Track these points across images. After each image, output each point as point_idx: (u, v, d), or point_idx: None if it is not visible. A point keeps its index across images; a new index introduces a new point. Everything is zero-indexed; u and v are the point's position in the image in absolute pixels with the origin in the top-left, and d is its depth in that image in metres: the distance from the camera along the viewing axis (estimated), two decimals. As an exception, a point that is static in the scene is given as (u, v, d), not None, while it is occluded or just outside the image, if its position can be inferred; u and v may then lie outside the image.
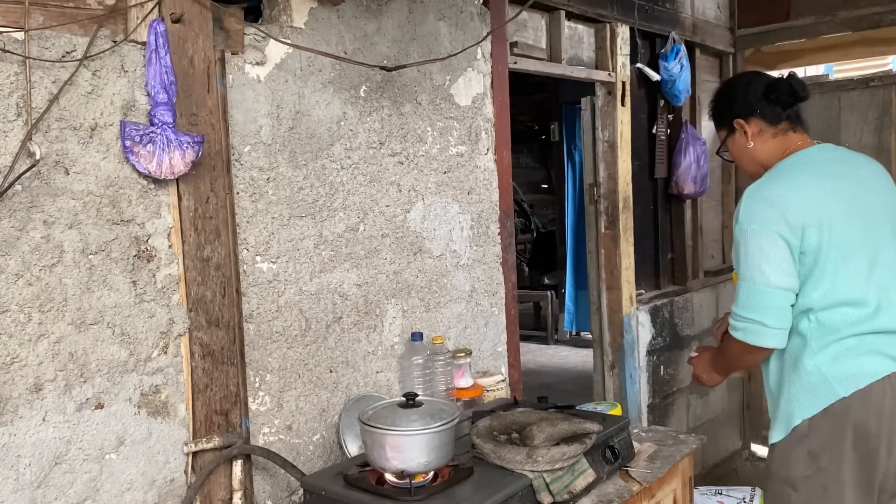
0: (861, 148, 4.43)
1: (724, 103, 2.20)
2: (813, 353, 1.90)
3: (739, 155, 2.19)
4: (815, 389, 1.89)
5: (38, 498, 1.65)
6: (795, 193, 1.94)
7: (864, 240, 1.93)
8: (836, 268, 1.90)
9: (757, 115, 2.10)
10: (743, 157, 2.18)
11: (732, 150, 2.20)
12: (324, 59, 2.17)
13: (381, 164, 2.38)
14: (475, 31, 2.70)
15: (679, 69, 3.91)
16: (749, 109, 2.11)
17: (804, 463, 1.91)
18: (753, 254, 1.91)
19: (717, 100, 2.24)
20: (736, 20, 4.67)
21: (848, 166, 2.06)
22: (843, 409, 1.86)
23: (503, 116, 2.84)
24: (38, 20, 1.63)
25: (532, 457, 1.89)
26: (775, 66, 4.90)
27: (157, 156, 1.76)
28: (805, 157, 2.05)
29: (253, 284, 2.04)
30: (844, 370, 1.87)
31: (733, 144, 2.18)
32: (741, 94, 2.15)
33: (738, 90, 2.17)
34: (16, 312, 1.61)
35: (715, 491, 3.41)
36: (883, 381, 1.86)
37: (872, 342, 1.88)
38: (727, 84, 2.31)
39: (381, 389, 2.39)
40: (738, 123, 2.13)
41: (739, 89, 2.17)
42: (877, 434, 1.85)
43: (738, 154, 2.19)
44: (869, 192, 2.01)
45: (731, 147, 2.20)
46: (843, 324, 1.89)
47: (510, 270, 2.89)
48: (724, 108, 2.19)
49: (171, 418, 1.87)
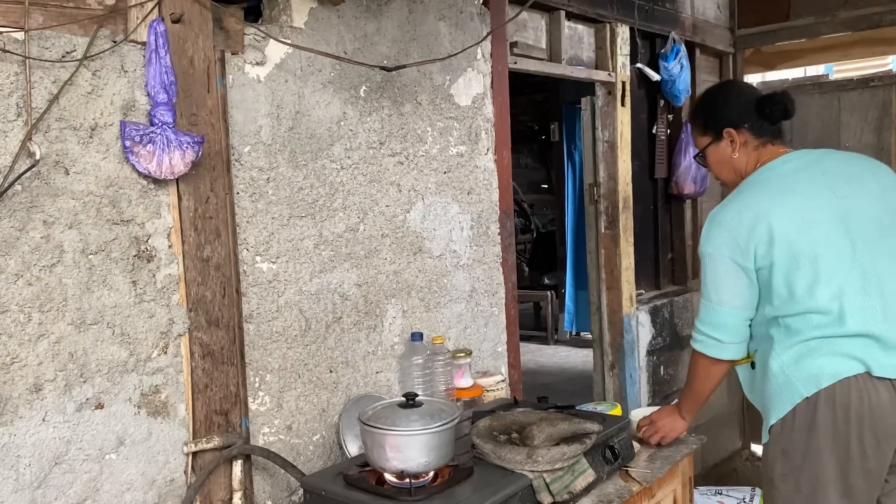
0: (861, 148, 4.44)
1: (715, 110, 2.16)
2: (777, 355, 1.95)
3: (720, 164, 2.17)
4: (781, 390, 1.93)
5: (38, 498, 1.65)
6: (746, 213, 1.96)
7: (824, 247, 1.91)
8: (794, 278, 1.91)
9: (746, 127, 2.10)
10: (723, 167, 2.16)
11: (712, 158, 2.18)
12: (324, 59, 2.17)
13: (381, 164, 2.38)
14: (475, 31, 2.70)
15: (679, 69, 3.91)
16: (741, 119, 2.10)
17: (780, 462, 1.96)
18: (710, 276, 2.02)
19: (707, 105, 2.20)
20: (736, 20, 4.67)
21: (810, 173, 2.03)
22: (808, 409, 1.89)
23: (503, 116, 2.84)
24: (38, 20, 1.63)
25: (532, 457, 1.89)
26: (775, 66, 4.90)
27: (157, 156, 1.76)
28: (766, 171, 2.06)
29: (253, 284, 2.04)
30: (805, 371, 1.89)
31: (716, 152, 2.16)
32: (735, 102, 2.13)
33: (732, 98, 2.15)
34: (16, 312, 1.61)
35: (715, 491, 3.41)
36: (848, 381, 1.86)
37: (836, 344, 1.88)
38: (720, 90, 2.27)
39: (381, 389, 2.39)
40: (728, 133, 2.11)
41: (733, 97, 2.15)
42: (846, 434, 1.85)
43: (719, 163, 2.17)
44: (833, 196, 1.96)
45: (713, 154, 2.17)
46: (806, 327, 1.91)
47: (510, 270, 2.89)
48: (714, 115, 2.15)
49: (171, 418, 1.87)
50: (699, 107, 2.24)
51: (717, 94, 2.24)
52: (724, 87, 2.35)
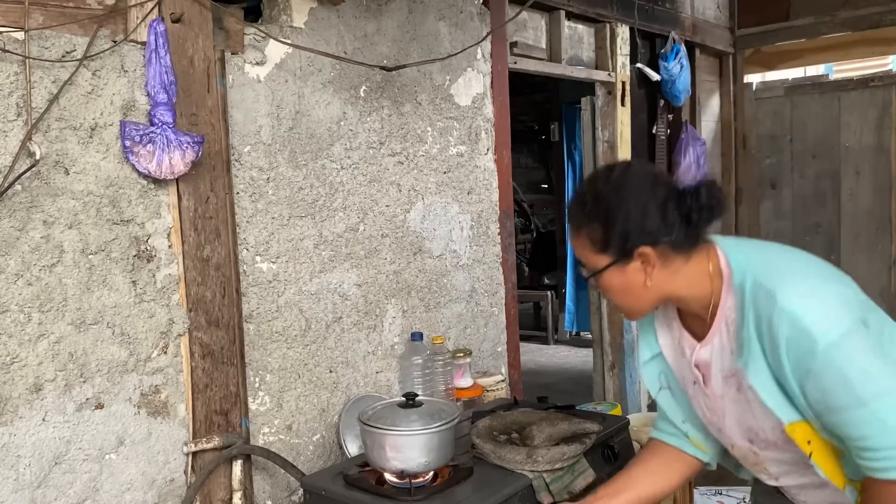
0: (861, 148, 4.44)
1: (617, 219, 1.37)
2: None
3: (626, 291, 1.44)
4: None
5: (38, 498, 1.65)
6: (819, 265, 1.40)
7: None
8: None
9: (667, 242, 1.37)
10: (630, 294, 1.44)
11: (615, 285, 1.43)
12: (324, 59, 2.17)
13: (381, 164, 2.38)
14: (475, 31, 2.69)
15: (679, 69, 3.91)
16: (659, 235, 1.36)
17: None
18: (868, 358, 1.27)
19: (604, 211, 1.39)
20: (736, 20, 4.68)
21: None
22: None
23: (503, 116, 2.84)
24: (38, 20, 1.63)
25: (532, 457, 1.89)
26: (775, 66, 4.91)
27: (157, 156, 1.76)
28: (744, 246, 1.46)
29: (253, 284, 2.04)
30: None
31: (619, 276, 1.41)
32: (646, 210, 1.37)
33: (637, 201, 1.37)
34: (16, 312, 1.61)
35: (715, 491, 3.41)
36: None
37: None
38: (613, 188, 1.40)
39: (381, 389, 2.38)
40: (641, 254, 1.38)
41: (639, 199, 1.37)
42: None
43: (625, 290, 1.44)
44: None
45: (614, 279, 1.42)
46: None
47: (510, 270, 2.89)
48: (615, 227, 1.38)
49: (171, 418, 1.87)
50: (588, 206, 1.42)
51: (620, 186, 1.39)
52: (631, 176, 1.41)
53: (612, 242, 1.39)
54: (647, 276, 1.40)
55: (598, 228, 1.40)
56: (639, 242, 1.37)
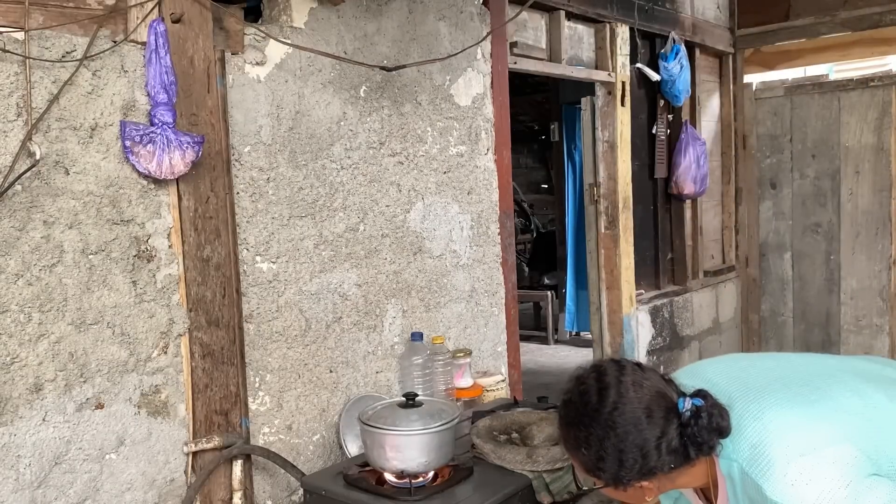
0: (861, 148, 4.44)
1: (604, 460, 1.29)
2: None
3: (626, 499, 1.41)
4: None
5: (38, 498, 1.65)
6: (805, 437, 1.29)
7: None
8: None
9: (666, 469, 1.29)
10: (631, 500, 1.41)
11: (612, 494, 1.40)
12: (324, 59, 2.17)
13: (381, 164, 2.38)
14: (475, 31, 2.69)
15: (679, 69, 3.91)
16: (657, 469, 1.29)
17: None
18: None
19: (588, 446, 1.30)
20: (736, 20, 4.68)
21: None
22: None
23: (503, 116, 2.84)
24: (38, 20, 1.63)
25: (532, 457, 1.89)
26: (775, 66, 4.90)
27: (157, 156, 1.76)
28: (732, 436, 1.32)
29: (253, 284, 2.04)
30: None
31: (619, 493, 1.37)
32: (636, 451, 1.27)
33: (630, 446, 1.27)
34: (16, 312, 1.61)
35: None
36: None
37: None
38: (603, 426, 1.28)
39: (381, 389, 2.38)
40: (641, 488, 1.33)
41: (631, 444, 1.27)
42: None
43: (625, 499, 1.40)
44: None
45: (611, 492, 1.39)
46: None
47: (510, 270, 2.89)
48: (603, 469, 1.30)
49: (171, 418, 1.87)
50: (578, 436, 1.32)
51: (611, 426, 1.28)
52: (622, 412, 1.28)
53: (605, 479, 1.32)
54: (647, 494, 1.35)
55: (589, 462, 1.32)
56: (634, 481, 1.30)
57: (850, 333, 4.52)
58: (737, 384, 1.39)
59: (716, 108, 4.69)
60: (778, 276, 4.83)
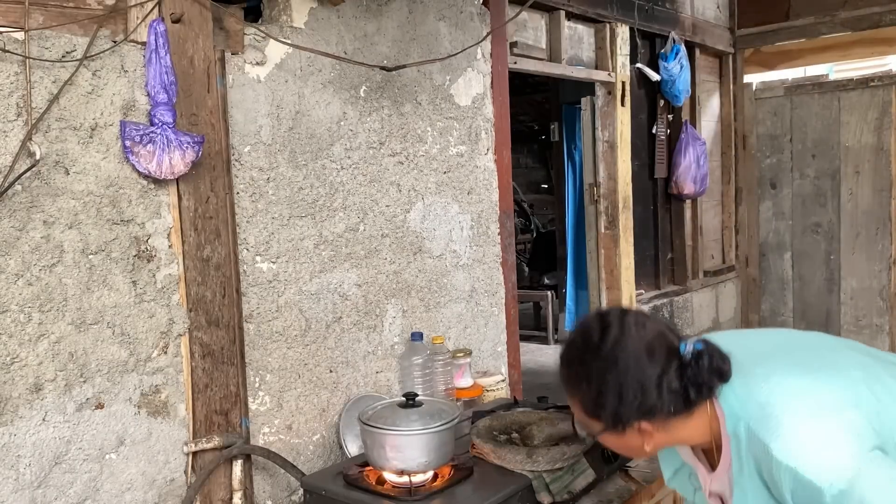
0: (861, 148, 4.44)
1: (610, 393, 1.30)
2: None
3: (623, 449, 1.43)
4: None
5: (38, 498, 1.65)
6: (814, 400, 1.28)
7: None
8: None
9: (665, 413, 1.30)
10: (628, 451, 1.43)
11: (611, 443, 1.41)
12: (324, 59, 2.17)
13: (381, 164, 2.38)
14: (475, 31, 2.69)
15: (679, 69, 3.91)
16: (656, 410, 1.29)
17: None
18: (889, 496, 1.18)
19: (589, 384, 1.32)
20: (736, 20, 4.68)
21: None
22: None
23: (503, 116, 2.84)
24: (38, 20, 1.63)
25: (532, 457, 1.89)
26: (775, 66, 4.91)
27: (157, 156, 1.76)
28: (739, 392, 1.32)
29: (253, 284, 2.04)
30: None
31: (616, 439, 1.38)
32: (636, 386, 1.28)
33: (631, 380, 1.28)
34: (16, 312, 1.61)
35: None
36: None
37: None
38: (604, 361, 1.30)
39: (381, 389, 2.38)
40: (640, 429, 1.32)
41: (632, 378, 1.29)
42: None
43: (622, 448, 1.42)
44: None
45: (609, 440, 1.40)
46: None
47: (510, 270, 2.89)
48: (608, 401, 1.30)
49: (171, 418, 1.87)
50: (579, 374, 1.35)
51: (613, 361, 1.30)
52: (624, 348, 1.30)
53: (604, 417, 1.32)
54: (645, 442, 1.34)
55: (588, 398, 1.33)
56: (633, 419, 1.30)
57: (850, 333, 4.53)
58: (744, 350, 1.39)
59: (716, 108, 4.69)
60: (778, 276, 4.83)
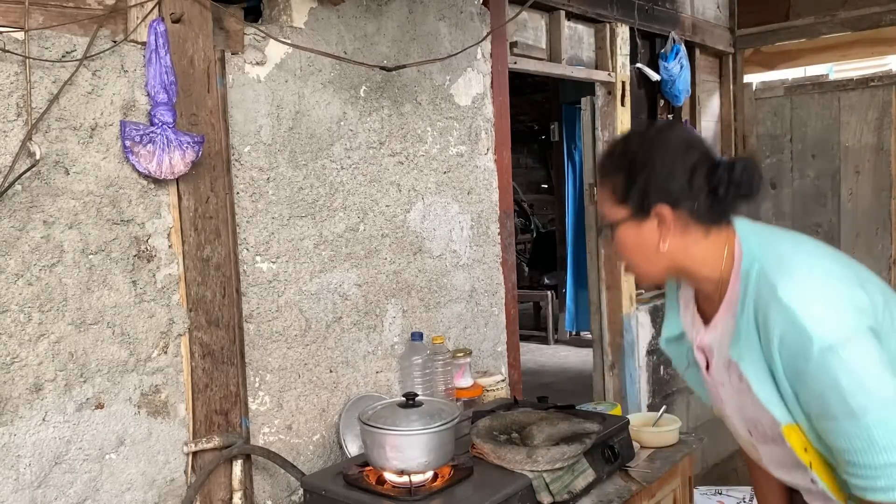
0: (861, 148, 4.44)
1: (640, 172, 1.35)
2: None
3: (638, 251, 1.40)
4: None
5: (38, 498, 1.65)
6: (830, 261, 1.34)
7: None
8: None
9: (688, 208, 1.34)
10: (641, 255, 1.41)
11: (628, 241, 1.40)
12: (324, 59, 2.17)
13: (381, 164, 2.38)
14: (475, 31, 2.70)
15: (679, 69, 3.91)
16: (680, 197, 1.33)
17: None
18: (866, 369, 1.21)
19: (630, 162, 1.37)
20: (736, 20, 4.68)
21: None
22: None
23: (503, 116, 2.84)
24: (38, 20, 1.63)
25: (532, 457, 1.89)
26: (775, 66, 4.91)
27: (157, 156, 1.76)
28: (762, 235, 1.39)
29: (253, 284, 2.04)
30: None
31: (634, 233, 1.38)
32: (673, 169, 1.33)
33: (671, 160, 1.34)
34: (16, 312, 1.61)
35: (715, 491, 3.41)
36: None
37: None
38: (658, 137, 1.38)
39: (381, 389, 2.39)
40: (659, 213, 1.34)
41: (667, 158, 1.34)
42: None
43: (637, 249, 1.40)
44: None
45: (628, 236, 1.39)
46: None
47: (510, 270, 2.89)
48: (638, 179, 1.35)
49: (171, 418, 1.87)
50: (616, 156, 1.42)
51: (652, 142, 1.37)
52: (653, 138, 1.38)
53: (632, 195, 1.36)
54: (662, 238, 1.35)
55: (621, 179, 1.37)
56: (657, 200, 1.34)
57: (850, 333, 4.51)
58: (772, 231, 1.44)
59: (716, 108, 4.69)
60: (778, 275, 4.82)
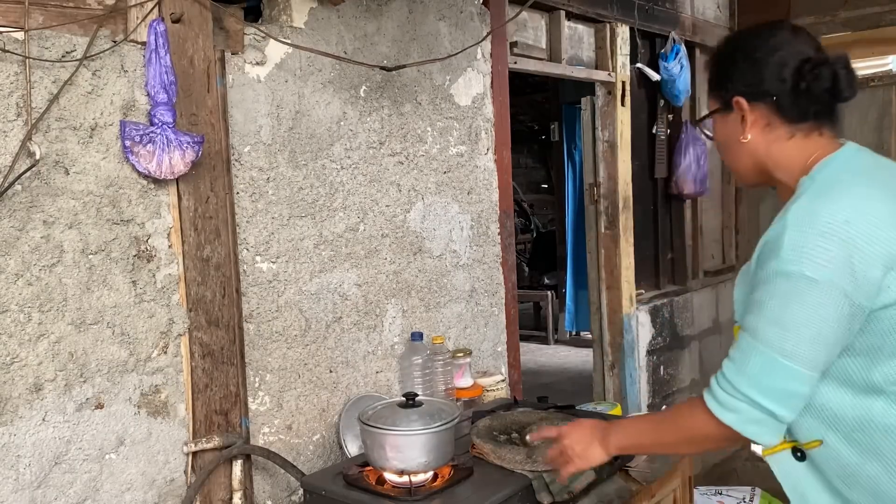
0: (861, 148, 4.44)
1: (726, 65, 1.43)
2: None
3: (727, 145, 1.46)
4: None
5: (38, 498, 1.65)
6: (867, 217, 1.22)
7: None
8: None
9: (769, 103, 1.37)
10: (730, 150, 1.46)
11: (719, 135, 1.48)
12: (324, 59, 2.17)
13: (381, 164, 2.38)
14: (475, 31, 2.70)
15: (679, 69, 3.91)
16: (760, 90, 1.37)
17: None
18: (791, 312, 1.22)
19: (721, 56, 1.46)
20: (736, 20, 4.68)
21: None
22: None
23: (503, 116, 2.84)
24: (38, 20, 1.63)
25: (532, 457, 1.89)
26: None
27: (157, 156, 1.76)
28: (849, 164, 1.36)
29: (253, 284, 2.04)
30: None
31: (722, 126, 1.46)
32: (755, 62, 1.37)
33: (754, 54, 1.38)
34: (16, 312, 1.61)
35: (715, 491, 3.41)
36: None
37: None
38: (743, 36, 1.44)
39: (381, 389, 2.39)
40: (737, 103, 1.40)
41: (757, 53, 1.38)
42: None
43: (726, 143, 1.46)
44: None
45: (719, 129, 1.48)
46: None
47: (510, 270, 2.89)
48: (724, 72, 1.44)
49: (171, 418, 1.87)
50: (714, 52, 1.50)
51: (737, 41, 1.45)
52: (750, 34, 1.43)
53: (716, 85, 1.45)
54: (743, 130, 1.40)
55: (713, 72, 1.47)
56: (737, 90, 1.40)
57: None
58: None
59: (716, 108, 4.68)
60: (778, 276, 4.82)
